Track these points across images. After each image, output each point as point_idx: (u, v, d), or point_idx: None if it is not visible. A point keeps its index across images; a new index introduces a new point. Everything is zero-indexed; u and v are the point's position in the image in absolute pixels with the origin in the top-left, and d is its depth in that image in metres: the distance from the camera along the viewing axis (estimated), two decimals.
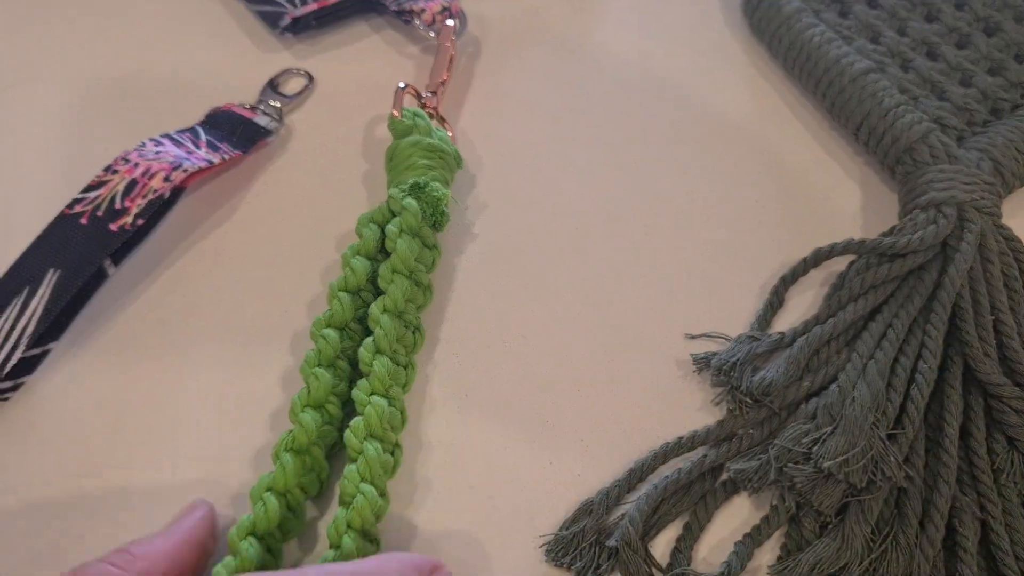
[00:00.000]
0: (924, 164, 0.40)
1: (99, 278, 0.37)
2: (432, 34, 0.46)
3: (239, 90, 0.45)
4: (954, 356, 0.36)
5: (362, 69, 0.47)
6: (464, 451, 0.35)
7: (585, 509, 0.34)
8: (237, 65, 0.47)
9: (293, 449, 0.33)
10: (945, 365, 0.36)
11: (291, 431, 0.33)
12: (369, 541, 0.32)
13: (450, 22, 0.46)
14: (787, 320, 0.39)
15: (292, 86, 0.46)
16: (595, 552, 0.33)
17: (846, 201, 0.43)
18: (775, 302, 0.39)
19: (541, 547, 0.33)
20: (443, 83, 0.44)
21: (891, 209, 0.42)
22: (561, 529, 0.33)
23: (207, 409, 0.36)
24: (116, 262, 0.37)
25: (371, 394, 0.34)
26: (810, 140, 0.45)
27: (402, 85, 0.42)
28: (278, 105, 0.44)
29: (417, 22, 0.46)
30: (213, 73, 0.47)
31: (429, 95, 0.43)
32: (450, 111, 0.45)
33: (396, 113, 0.41)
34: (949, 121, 0.42)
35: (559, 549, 0.33)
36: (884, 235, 0.40)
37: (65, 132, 0.44)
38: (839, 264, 0.40)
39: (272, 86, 0.45)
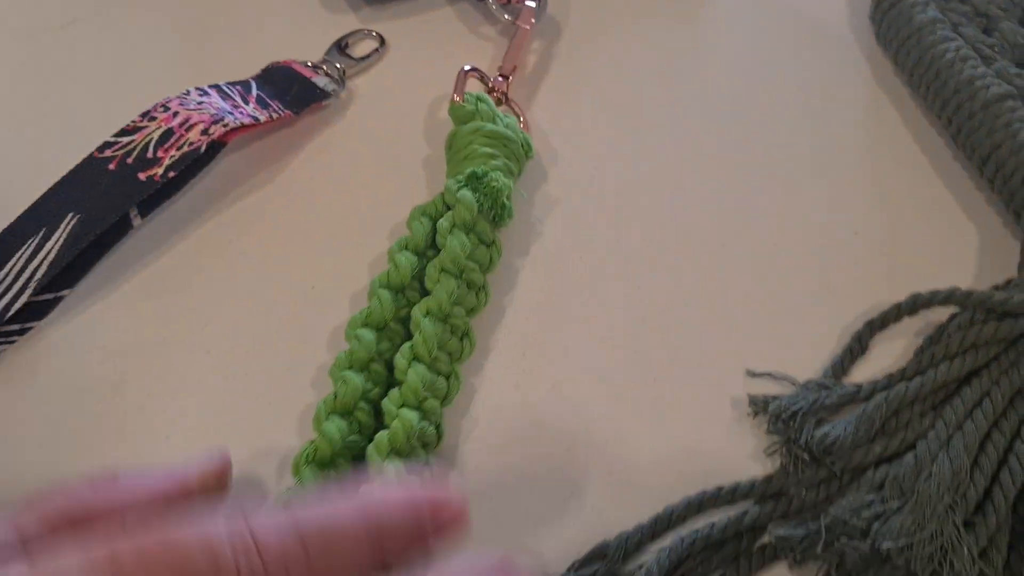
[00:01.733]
0: None
1: (123, 228, 0.35)
2: (507, 16, 0.42)
3: (300, 48, 0.42)
4: None
5: (434, 41, 0.43)
6: (480, 475, 0.32)
7: (599, 552, 0.30)
8: (304, 23, 0.44)
9: (315, 462, 0.29)
10: None
11: (313, 441, 0.30)
12: None
13: (530, 2, 0.42)
14: (867, 371, 0.34)
15: (361, 48, 0.43)
16: None
17: (960, 244, 0.37)
18: (857, 348, 0.34)
19: None
20: (515, 68, 0.40)
21: (1011, 259, 0.36)
22: (569, 571, 0.30)
23: (216, 383, 0.33)
24: (143, 214, 0.35)
25: (401, 406, 0.30)
26: (929, 170, 0.39)
27: (466, 68, 0.38)
28: (342, 67, 0.41)
29: (491, 1, 0.43)
30: (277, 27, 0.44)
31: (499, 79, 0.40)
32: (523, 99, 0.41)
33: (457, 98, 0.37)
34: None
35: None
36: (997, 288, 0.34)
37: (117, 71, 0.42)
38: (939, 314, 0.34)
39: (339, 47, 0.42)
